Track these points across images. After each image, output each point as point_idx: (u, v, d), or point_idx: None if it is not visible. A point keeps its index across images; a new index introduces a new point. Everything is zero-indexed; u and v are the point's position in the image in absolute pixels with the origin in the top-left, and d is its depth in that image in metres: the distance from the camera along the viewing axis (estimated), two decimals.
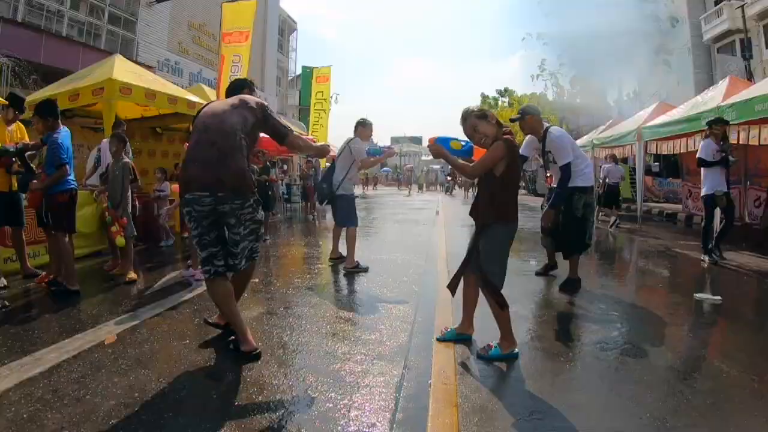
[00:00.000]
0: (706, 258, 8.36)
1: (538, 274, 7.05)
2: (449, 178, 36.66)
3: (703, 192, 8.42)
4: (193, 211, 3.78)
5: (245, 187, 3.87)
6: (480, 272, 3.93)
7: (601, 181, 15.32)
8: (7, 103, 6.61)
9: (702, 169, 8.37)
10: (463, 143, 4.37)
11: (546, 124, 6.35)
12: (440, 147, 4.12)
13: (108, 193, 6.81)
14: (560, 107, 40.55)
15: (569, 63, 32.05)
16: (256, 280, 6.45)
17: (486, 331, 4.16)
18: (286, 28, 48.13)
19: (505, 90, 63.58)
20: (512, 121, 6.56)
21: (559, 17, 34.67)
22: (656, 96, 27.22)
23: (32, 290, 6.13)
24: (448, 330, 4.29)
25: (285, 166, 21.34)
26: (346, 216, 7.42)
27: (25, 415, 2.86)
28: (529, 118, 6.20)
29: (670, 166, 23.80)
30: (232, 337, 4.03)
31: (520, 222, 4.19)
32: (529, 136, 6.50)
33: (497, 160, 3.81)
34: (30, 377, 3.41)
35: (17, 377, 3.40)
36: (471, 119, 3.93)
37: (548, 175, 6.90)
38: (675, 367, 3.80)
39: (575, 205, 6.12)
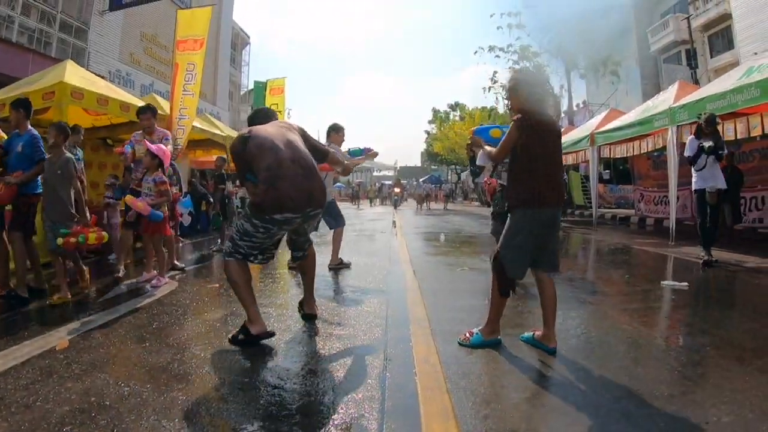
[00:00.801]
0: (705, 256, 8.00)
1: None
2: (397, 190, 36.70)
3: (694, 186, 8.12)
4: (276, 229, 4.00)
5: (325, 201, 4.31)
6: (497, 249, 3.86)
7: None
8: None
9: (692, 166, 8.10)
10: (504, 131, 4.37)
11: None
12: (478, 137, 4.57)
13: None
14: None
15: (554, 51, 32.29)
16: (216, 285, 6.45)
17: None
18: (239, 41, 47.77)
19: (456, 104, 64.59)
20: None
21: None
22: (605, 106, 28.22)
23: None
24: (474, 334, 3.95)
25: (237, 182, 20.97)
26: (336, 218, 7.85)
27: None
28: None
29: (620, 174, 24.77)
30: (233, 332, 4.10)
31: (476, 229, 4.15)
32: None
33: (513, 142, 3.71)
34: None
35: None
36: (509, 93, 3.98)
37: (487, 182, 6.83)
38: (658, 345, 3.99)
39: None
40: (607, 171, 26.46)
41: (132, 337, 4.23)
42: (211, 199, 11.78)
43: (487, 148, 4.13)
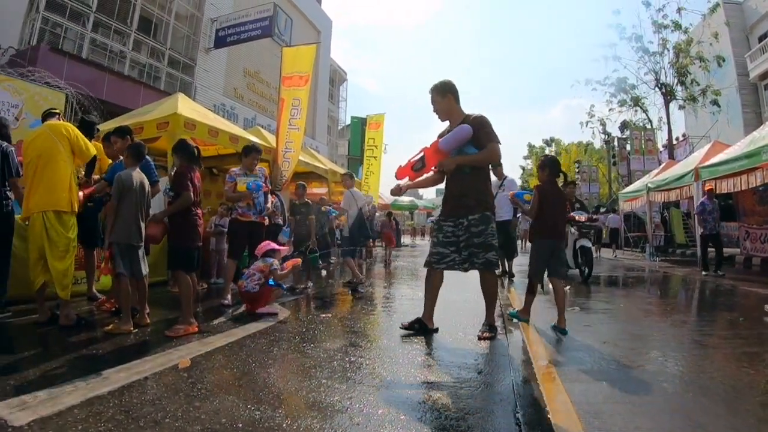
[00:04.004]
0: None
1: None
2: None
3: None
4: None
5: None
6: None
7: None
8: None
9: None
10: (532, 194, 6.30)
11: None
12: (516, 199, 6.54)
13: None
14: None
15: None
16: (329, 314, 6.66)
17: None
18: (336, 78, 49.18)
19: (552, 139, 63.87)
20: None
21: None
22: (706, 138, 27.03)
23: (96, 312, 6.23)
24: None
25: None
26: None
27: None
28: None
29: (722, 210, 23.55)
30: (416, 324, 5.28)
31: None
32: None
33: (536, 204, 5.88)
34: (97, 395, 3.27)
35: (83, 394, 3.28)
36: (538, 169, 6.34)
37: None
38: None
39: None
40: None
41: (254, 361, 4.25)
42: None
43: (526, 207, 6.14)
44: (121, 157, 6.45)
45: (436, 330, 5.32)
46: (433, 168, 5.26)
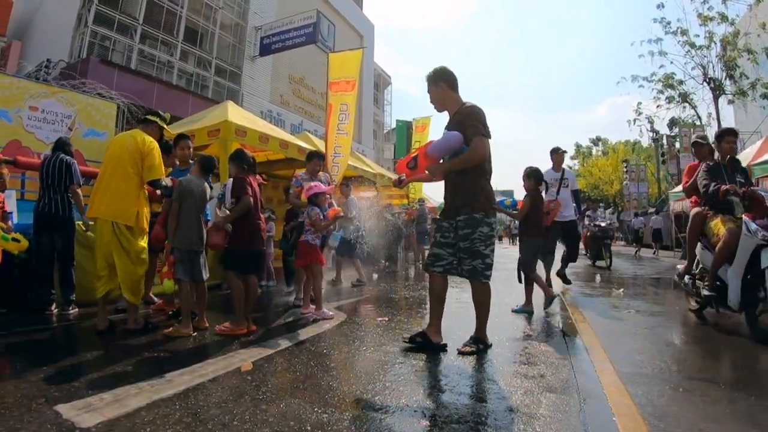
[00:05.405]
0: None
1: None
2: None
3: None
4: None
5: None
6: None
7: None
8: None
9: None
10: (512, 201, 8.09)
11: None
12: (500, 206, 6.78)
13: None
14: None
15: None
16: (386, 318, 6.53)
17: None
18: (381, 82, 49.39)
19: (598, 138, 62.92)
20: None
21: None
22: (757, 134, 26.40)
23: (152, 316, 6.31)
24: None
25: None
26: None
27: None
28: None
29: None
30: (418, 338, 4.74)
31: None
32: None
33: (526, 209, 7.04)
34: (162, 398, 3.28)
35: (148, 397, 3.29)
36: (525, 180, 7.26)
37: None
38: None
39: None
40: None
41: (316, 364, 4.24)
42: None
43: (513, 212, 7.44)
44: (177, 163, 6.56)
45: (444, 346, 4.70)
46: (426, 170, 4.92)
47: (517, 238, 9.71)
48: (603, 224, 15.74)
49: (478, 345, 4.69)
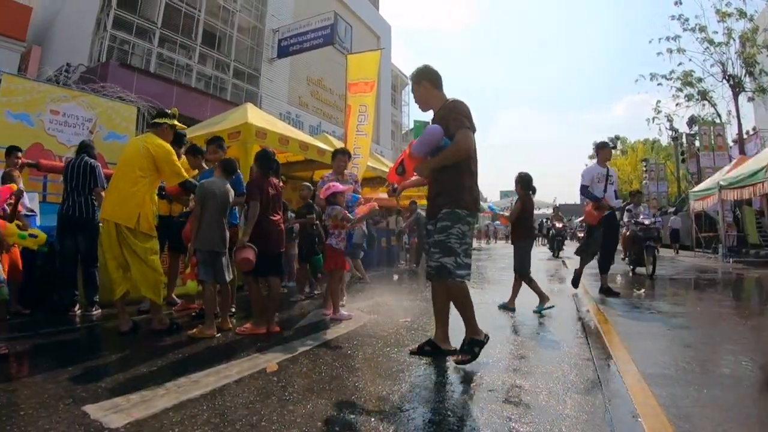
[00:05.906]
0: None
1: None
2: (558, 225, 35.80)
3: None
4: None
5: None
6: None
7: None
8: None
9: None
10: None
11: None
12: (492, 211, 10.28)
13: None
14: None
15: None
16: (408, 319, 6.45)
17: None
18: (398, 83, 49.44)
19: (617, 137, 62.46)
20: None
21: None
22: None
23: (176, 318, 6.30)
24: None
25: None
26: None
27: None
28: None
29: None
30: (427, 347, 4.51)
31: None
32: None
33: (517, 211, 7.33)
34: (190, 398, 3.29)
35: (175, 397, 3.30)
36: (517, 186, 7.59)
37: None
38: None
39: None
40: None
41: (341, 365, 4.24)
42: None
43: (503, 213, 7.82)
44: (205, 165, 6.57)
45: (455, 351, 4.44)
46: (415, 173, 4.69)
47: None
48: (647, 222, 12.93)
49: (473, 348, 4.28)
